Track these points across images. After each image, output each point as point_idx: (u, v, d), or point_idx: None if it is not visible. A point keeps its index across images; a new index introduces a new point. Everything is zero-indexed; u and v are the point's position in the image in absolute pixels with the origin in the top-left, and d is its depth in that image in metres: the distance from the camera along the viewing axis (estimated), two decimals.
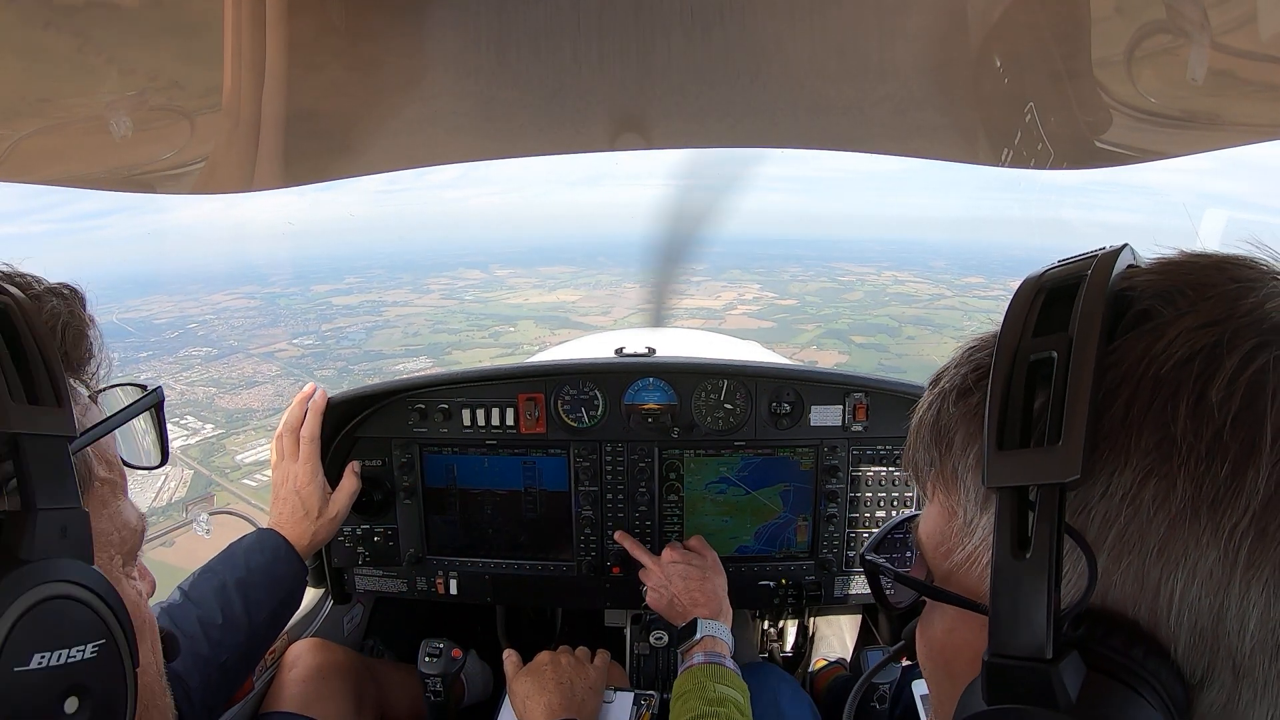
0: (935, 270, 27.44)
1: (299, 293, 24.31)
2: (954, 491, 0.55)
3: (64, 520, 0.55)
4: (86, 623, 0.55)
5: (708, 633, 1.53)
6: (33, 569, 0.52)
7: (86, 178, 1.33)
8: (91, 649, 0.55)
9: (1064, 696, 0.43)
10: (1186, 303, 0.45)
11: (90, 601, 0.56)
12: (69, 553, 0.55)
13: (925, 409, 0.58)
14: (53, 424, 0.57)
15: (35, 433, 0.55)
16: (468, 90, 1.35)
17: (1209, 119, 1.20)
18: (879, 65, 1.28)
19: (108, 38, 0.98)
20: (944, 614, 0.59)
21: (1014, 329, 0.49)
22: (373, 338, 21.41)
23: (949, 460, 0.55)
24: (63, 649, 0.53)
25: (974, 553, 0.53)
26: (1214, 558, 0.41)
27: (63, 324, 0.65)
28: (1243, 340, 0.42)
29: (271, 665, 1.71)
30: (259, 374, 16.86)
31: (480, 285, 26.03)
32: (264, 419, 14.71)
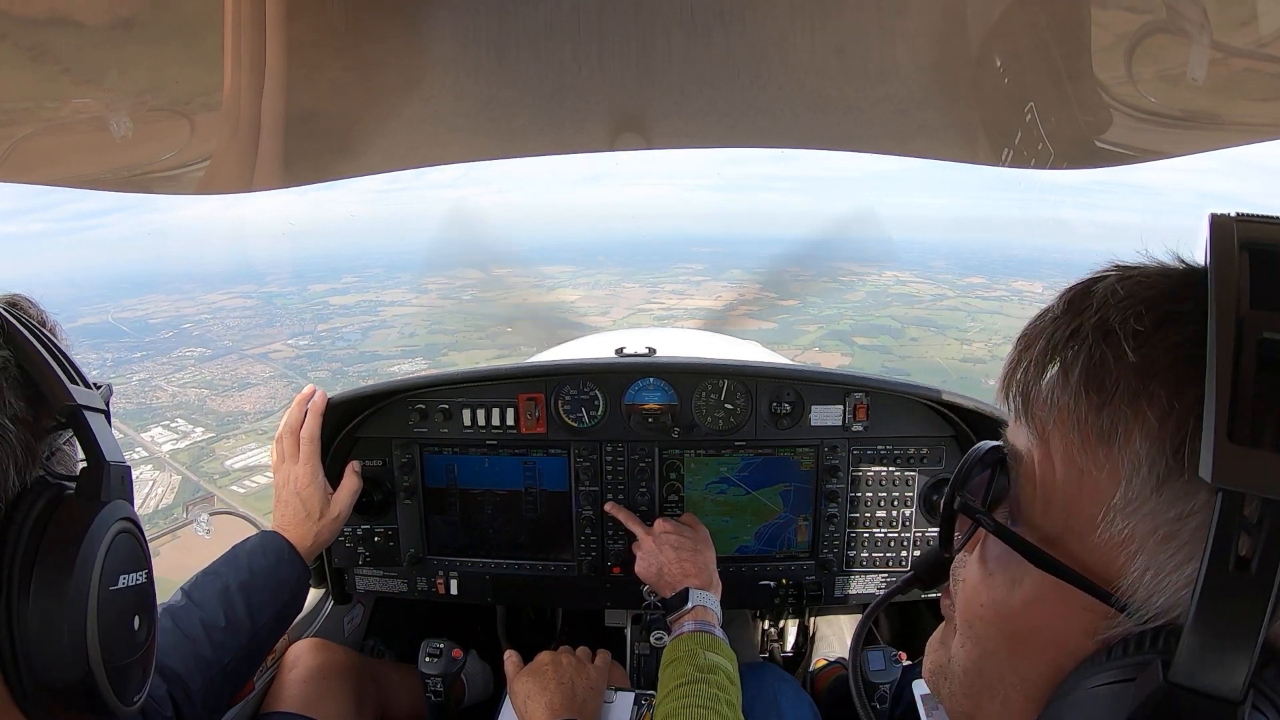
0: (936, 270, 27.42)
1: (296, 292, 24.24)
2: (1104, 451, 0.46)
3: (120, 471, 0.68)
4: (142, 552, 0.69)
5: (699, 602, 1.52)
6: (112, 507, 0.65)
7: (87, 178, 1.33)
8: (143, 575, 0.69)
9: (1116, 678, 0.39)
10: None
11: (140, 536, 0.69)
12: (126, 496, 0.68)
13: (1077, 343, 0.48)
14: (93, 398, 0.68)
15: (91, 405, 0.67)
16: (468, 90, 1.35)
17: (1209, 119, 1.20)
18: (879, 65, 1.28)
19: (109, 39, 0.98)
20: (1027, 578, 0.51)
21: (1228, 292, 0.40)
22: (369, 338, 21.34)
23: (1109, 414, 0.46)
24: (132, 572, 0.67)
25: (1125, 536, 0.45)
26: None
27: (48, 326, 0.76)
28: None
29: (272, 666, 1.71)
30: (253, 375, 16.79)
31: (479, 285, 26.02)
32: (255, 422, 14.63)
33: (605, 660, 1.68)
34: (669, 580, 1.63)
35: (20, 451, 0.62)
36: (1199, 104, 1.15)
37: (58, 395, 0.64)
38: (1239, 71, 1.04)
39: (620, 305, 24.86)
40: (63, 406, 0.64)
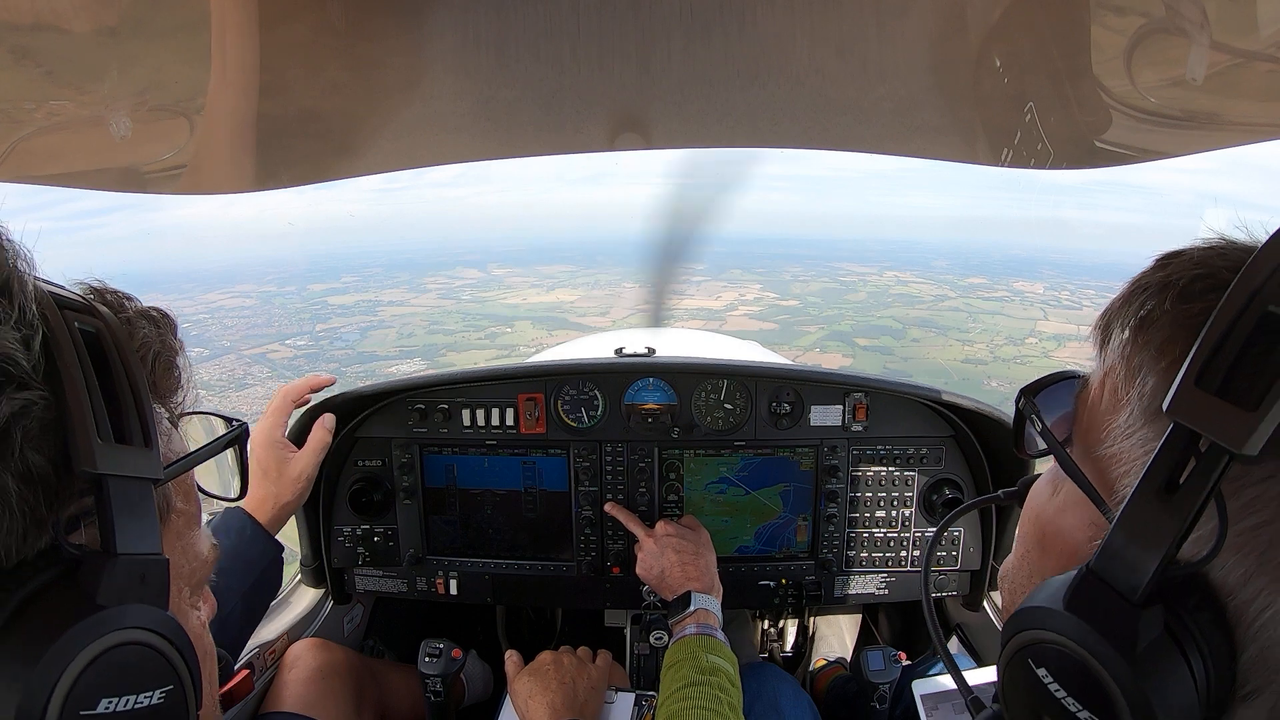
0: (937, 270, 27.40)
1: (295, 292, 24.19)
2: (1131, 386, 0.53)
3: (144, 567, 0.54)
4: (157, 669, 0.55)
5: (701, 605, 1.53)
6: (108, 614, 0.51)
7: (86, 178, 1.32)
8: (159, 695, 0.55)
9: (1131, 642, 0.44)
10: None
11: (163, 649, 0.55)
12: (145, 598, 0.54)
13: (1143, 287, 0.54)
14: (140, 465, 0.55)
15: (122, 474, 0.54)
16: (467, 90, 1.34)
17: (1209, 119, 1.20)
18: (879, 65, 1.27)
19: (108, 37, 0.98)
20: (1064, 488, 0.60)
21: (1264, 268, 0.44)
22: (367, 338, 21.28)
23: (1141, 352, 0.53)
24: (130, 695, 0.53)
25: (1121, 455, 0.53)
26: None
27: (154, 354, 0.64)
28: None
29: (271, 665, 1.71)
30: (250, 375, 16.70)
31: (478, 285, 25.92)
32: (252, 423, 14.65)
33: (606, 660, 1.69)
34: (670, 584, 1.64)
35: (22, 517, 0.50)
36: (1199, 104, 1.15)
37: (78, 456, 0.51)
38: (1239, 71, 1.04)
39: (620, 305, 24.83)
40: (80, 471, 0.51)
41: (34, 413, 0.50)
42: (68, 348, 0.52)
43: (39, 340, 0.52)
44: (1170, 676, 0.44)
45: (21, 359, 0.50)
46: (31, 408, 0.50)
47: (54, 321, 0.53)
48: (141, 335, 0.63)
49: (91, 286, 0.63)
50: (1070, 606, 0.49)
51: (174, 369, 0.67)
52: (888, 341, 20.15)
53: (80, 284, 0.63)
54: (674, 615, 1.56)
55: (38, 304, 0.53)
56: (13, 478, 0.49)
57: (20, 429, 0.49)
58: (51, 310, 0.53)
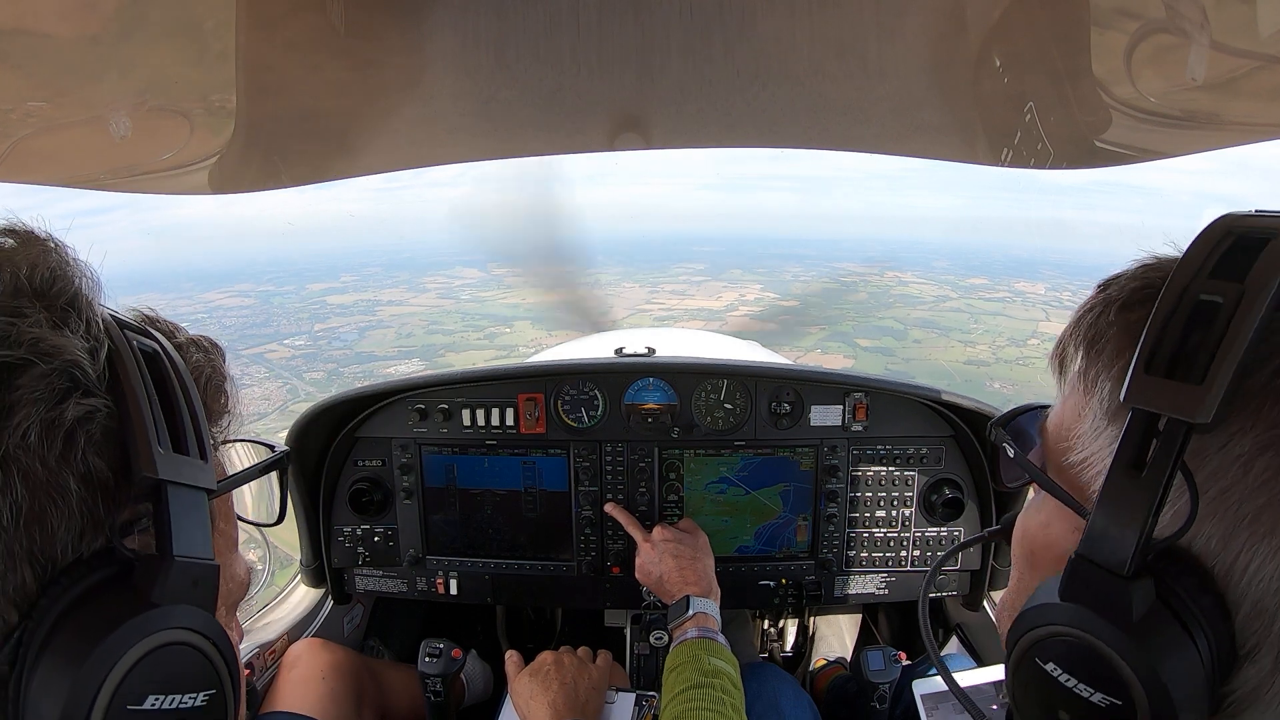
0: (938, 271, 27.32)
1: (293, 291, 24.06)
2: (1090, 396, 0.57)
3: (197, 571, 0.56)
4: (202, 672, 0.56)
5: (700, 609, 1.54)
6: (160, 613, 0.53)
7: (86, 178, 1.32)
8: (203, 698, 0.56)
9: (1127, 615, 0.48)
10: None
11: (209, 652, 0.57)
12: (196, 602, 0.56)
13: (1089, 309, 0.59)
14: (196, 475, 0.58)
15: (180, 481, 0.56)
16: (467, 90, 1.34)
17: (1209, 119, 1.20)
18: (879, 65, 1.27)
19: (108, 37, 0.98)
20: (1045, 506, 0.63)
21: (1192, 263, 0.50)
22: (365, 338, 21.16)
23: (1094, 365, 0.57)
24: (176, 694, 0.54)
25: (1091, 458, 0.57)
26: None
27: (205, 377, 0.67)
28: None
29: (271, 665, 1.71)
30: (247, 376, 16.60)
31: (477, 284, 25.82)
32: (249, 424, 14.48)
33: (607, 660, 1.69)
34: (669, 588, 1.65)
35: (80, 517, 0.52)
36: (1199, 104, 1.15)
37: (139, 462, 0.54)
38: (1239, 71, 1.04)
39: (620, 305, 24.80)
40: (140, 478, 0.54)
41: (98, 419, 0.53)
42: (130, 361, 0.55)
43: (104, 353, 0.55)
44: (1171, 644, 0.47)
45: (88, 368, 0.53)
46: (96, 414, 0.53)
47: (116, 337, 0.56)
48: (194, 359, 0.66)
49: (144, 314, 0.66)
50: (1065, 595, 0.52)
51: (222, 394, 0.69)
52: (889, 343, 20.09)
53: (133, 310, 0.66)
54: (673, 619, 1.56)
55: (102, 320, 0.56)
56: (74, 478, 0.51)
57: (84, 433, 0.52)
58: (113, 327, 0.57)
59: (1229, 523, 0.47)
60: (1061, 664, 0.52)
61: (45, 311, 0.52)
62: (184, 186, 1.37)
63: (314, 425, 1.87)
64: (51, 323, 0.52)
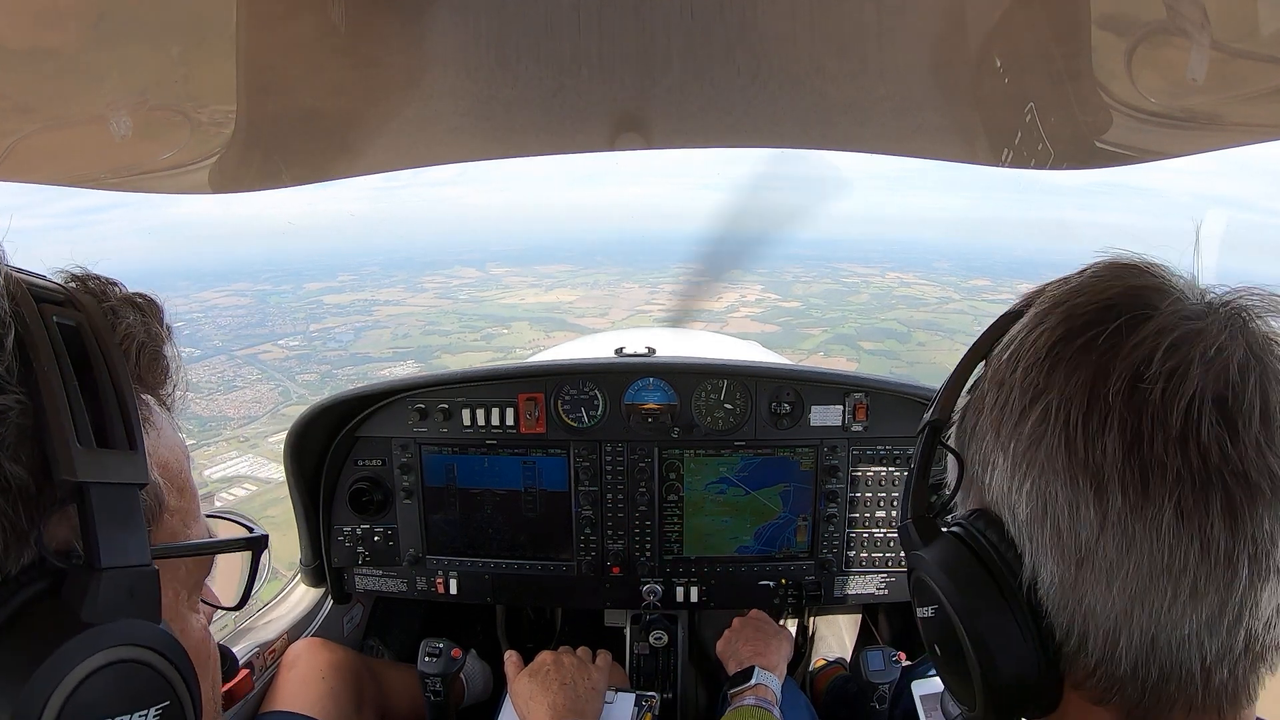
0: (940, 272, 27.22)
1: (291, 291, 23.86)
2: None
3: (131, 580, 0.51)
4: (151, 686, 0.52)
5: (762, 681, 1.61)
6: (96, 633, 0.48)
7: (86, 177, 1.32)
8: (155, 712, 0.52)
9: (923, 543, 0.68)
10: (1030, 299, 0.66)
11: (155, 664, 0.52)
12: (135, 612, 0.51)
13: None
14: (123, 470, 0.51)
15: (105, 480, 0.50)
16: (467, 90, 1.34)
17: (1209, 119, 1.20)
18: (879, 65, 1.27)
19: (108, 38, 0.98)
20: None
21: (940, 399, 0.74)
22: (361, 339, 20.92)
23: None
24: (124, 714, 0.50)
25: None
26: (1002, 461, 0.60)
27: (138, 345, 0.59)
28: (1030, 323, 0.62)
29: (271, 665, 1.71)
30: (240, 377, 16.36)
31: (476, 284, 25.68)
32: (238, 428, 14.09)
33: (606, 661, 1.69)
34: (739, 658, 1.73)
35: (2, 532, 0.47)
36: (1199, 104, 1.15)
37: (57, 463, 0.48)
38: (1239, 72, 1.04)
39: (620, 306, 24.70)
40: (59, 480, 0.48)
41: (10, 419, 0.47)
42: (44, 346, 0.49)
43: (12, 339, 0.48)
44: (954, 551, 0.63)
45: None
46: (7, 414, 0.47)
47: (30, 317, 0.50)
48: (125, 325, 0.59)
49: (73, 275, 0.60)
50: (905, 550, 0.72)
51: (160, 358, 0.63)
52: (893, 345, 19.97)
53: (62, 272, 0.59)
54: (735, 685, 1.63)
55: (12, 299, 0.50)
56: None
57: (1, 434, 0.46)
58: (27, 305, 0.50)
59: (980, 471, 0.64)
60: (916, 600, 0.69)
61: None
62: (184, 186, 1.37)
63: (314, 425, 1.86)
64: None
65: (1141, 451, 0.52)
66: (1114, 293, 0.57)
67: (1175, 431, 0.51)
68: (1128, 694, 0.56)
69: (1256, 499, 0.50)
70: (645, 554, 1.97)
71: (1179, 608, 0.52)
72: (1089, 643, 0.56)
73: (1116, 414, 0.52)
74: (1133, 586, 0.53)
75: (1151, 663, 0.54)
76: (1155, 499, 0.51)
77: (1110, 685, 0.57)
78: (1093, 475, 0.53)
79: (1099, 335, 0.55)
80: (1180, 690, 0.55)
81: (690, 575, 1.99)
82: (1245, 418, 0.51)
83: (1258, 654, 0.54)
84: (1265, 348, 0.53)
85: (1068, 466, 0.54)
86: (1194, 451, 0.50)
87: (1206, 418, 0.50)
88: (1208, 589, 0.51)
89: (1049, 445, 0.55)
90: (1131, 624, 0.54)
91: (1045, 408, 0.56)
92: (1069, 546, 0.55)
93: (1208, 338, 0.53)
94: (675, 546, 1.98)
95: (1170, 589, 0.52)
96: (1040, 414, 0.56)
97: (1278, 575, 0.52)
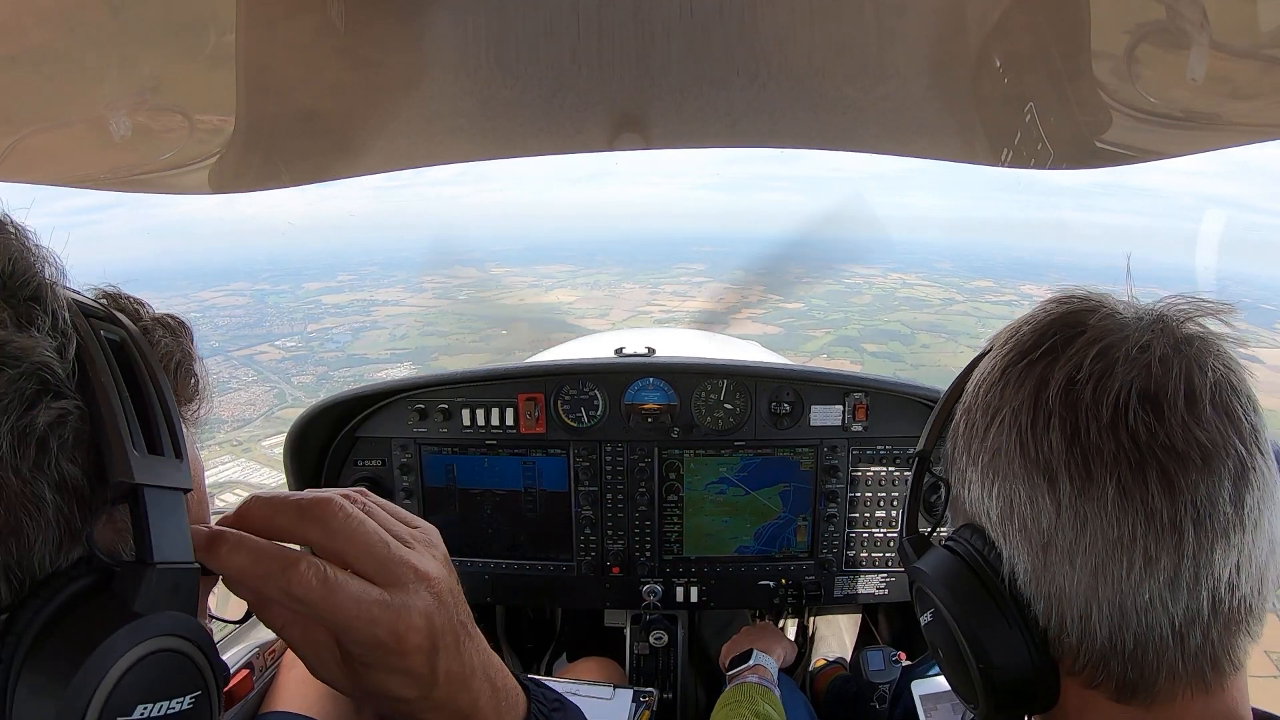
0: (942, 272, 27.11)
1: (289, 290, 23.70)
2: None
3: (177, 576, 0.54)
4: (188, 676, 0.55)
5: (760, 661, 1.68)
6: (145, 622, 0.51)
7: (86, 177, 1.32)
8: (189, 700, 0.55)
9: (914, 555, 0.76)
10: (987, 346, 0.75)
11: (193, 655, 0.55)
12: (178, 606, 0.54)
13: None
14: (172, 475, 0.55)
15: (157, 484, 0.53)
16: (467, 90, 1.34)
17: (1209, 119, 1.20)
18: (879, 65, 1.27)
19: (108, 37, 0.98)
20: None
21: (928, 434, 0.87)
22: (359, 340, 20.77)
23: None
24: (164, 700, 0.53)
25: None
26: (974, 475, 0.69)
27: (175, 362, 0.63)
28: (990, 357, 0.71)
29: (271, 665, 1.71)
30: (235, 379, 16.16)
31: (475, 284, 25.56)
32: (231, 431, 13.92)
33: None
34: (739, 648, 1.81)
35: (57, 527, 0.50)
36: (1199, 104, 1.15)
37: (114, 466, 0.51)
38: (1239, 72, 1.04)
39: (620, 307, 24.63)
40: (116, 483, 0.51)
41: (69, 422, 0.50)
42: (99, 356, 0.52)
43: (73, 349, 0.51)
44: (943, 559, 0.70)
45: (57, 368, 0.50)
46: (68, 417, 0.50)
47: (83, 329, 0.53)
48: (161, 343, 0.62)
49: (105, 292, 0.62)
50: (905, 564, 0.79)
51: (192, 376, 0.66)
52: (896, 347, 19.85)
53: (95, 289, 0.62)
54: (735, 665, 1.70)
55: (70, 311, 0.52)
56: (49, 488, 0.49)
57: (57, 439, 0.49)
58: (79, 318, 0.53)
59: (960, 486, 0.72)
60: (918, 609, 0.75)
61: (9, 309, 0.49)
62: (184, 186, 1.37)
63: (314, 425, 1.87)
64: (17, 321, 0.49)
65: (1080, 442, 0.59)
66: (1051, 319, 0.66)
67: (1106, 420, 0.58)
68: (1113, 669, 0.61)
69: (1189, 468, 0.57)
70: (645, 554, 1.97)
71: (1136, 575, 0.58)
72: (1067, 621, 0.62)
73: (1056, 414, 0.61)
74: (1092, 562, 0.59)
75: (1125, 630, 0.59)
76: (1098, 480, 0.58)
77: (1096, 663, 0.61)
78: (1044, 469, 0.61)
79: (1038, 352, 0.64)
80: (1159, 657, 0.59)
81: (690, 575, 1.99)
82: (1170, 402, 0.58)
83: (1229, 617, 0.59)
84: (1188, 343, 0.61)
85: (1023, 465, 0.62)
86: (1124, 435, 0.58)
87: (1132, 405, 0.58)
88: (1159, 554, 0.57)
89: (1006, 450, 0.64)
90: (1099, 597, 0.59)
91: (1000, 420, 0.65)
92: (1034, 535, 0.62)
93: (1131, 341, 0.61)
94: (675, 546, 1.98)
95: (1124, 559, 0.58)
96: (998, 426, 0.65)
97: (1223, 536, 0.57)
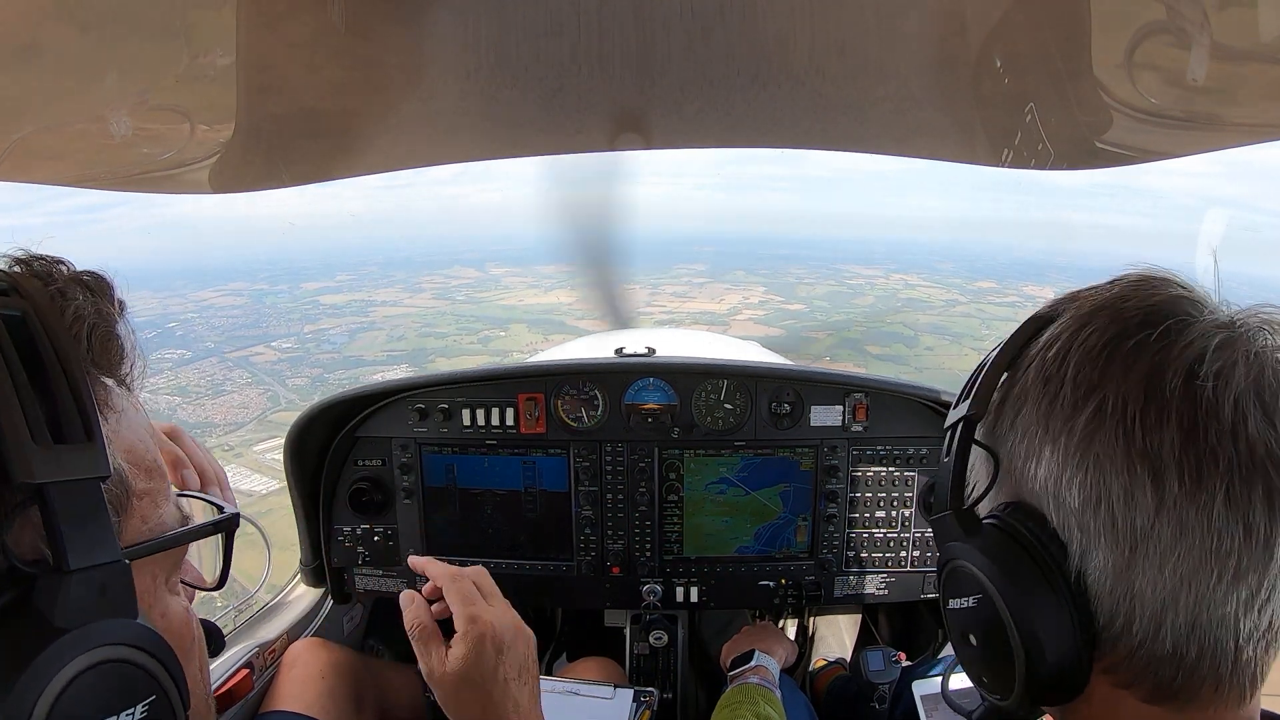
0: (944, 273, 26.98)
1: (287, 291, 23.53)
2: None
3: (102, 578, 0.49)
4: (135, 684, 0.51)
5: (761, 662, 1.67)
6: (71, 638, 0.46)
7: (87, 177, 1.33)
8: (142, 709, 0.50)
9: (967, 534, 0.67)
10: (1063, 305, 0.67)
11: (136, 660, 0.51)
12: (110, 611, 0.49)
13: None
14: (82, 465, 0.49)
15: (65, 479, 0.47)
16: (468, 90, 1.34)
17: (1209, 119, 1.20)
18: (879, 65, 1.28)
19: (109, 38, 0.98)
20: None
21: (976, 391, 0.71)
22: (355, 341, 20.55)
23: None
24: (111, 715, 0.49)
25: None
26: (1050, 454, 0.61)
27: (89, 327, 0.56)
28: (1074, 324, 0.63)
29: (271, 665, 1.71)
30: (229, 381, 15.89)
31: (474, 284, 25.43)
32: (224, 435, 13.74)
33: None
34: (740, 649, 1.81)
35: None
36: (1199, 104, 1.15)
37: (14, 467, 0.45)
38: (1239, 72, 1.04)
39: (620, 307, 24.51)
40: (19, 484, 0.45)
41: None
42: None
43: None
44: (993, 539, 0.64)
45: None
46: None
47: None
48: (74, 308, 0.55)
49: (16, 257, 0.57)
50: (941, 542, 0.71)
51: (114, 338, 0.59)
52: (900, 350, 19.70)
53: (5, 256, 0.56)
54: (737, 665, 1.70)
55: None
56: None
57: None
58: None
59: (1020, 462, 0.64)
60: (949, 590, 0.69)
61: None
62: (185, 186, 1.37)
63: (314, 425, 1.87)
64: None
65: (1197, 442, 0.55)
66: (1159, 299, 0.61)
67: (1227, 424, 0.55)
68: (1161, 674, 0.59)
69: None
70: (645, 554, 1.97)
71: (1223, 588, 0.56)
72: (1134, 625, 0.59)
73: (1174, 407, 0.56)
74: (1183, 569, 0.56)
75: (1192, 641, 0.57)
76: (1208, 486, 0.55)
77: (1147, 666, 0.59)
78: (1151, 464, 0.56)
79: (1150, 336, 0.58)
80: (1211, 668, 0.58)
81: (690, 575, 1.99)
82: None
83: (1278, 632, 0.58)
84: None
85: (1125, 456, 0.57)
86: (1243, 443, 0.55)
87: (1253, 412, 0.55)
88: (1248, 571, 0.55)
89: (1105, 437, 0.58)
90: (1178, 605, 0.57)
91: (1100, 402, 0.58)
92: (1123, 532, 0.58)
93: (1244, 343, 0.57)
94: (675, 546, 1.98)
95: (1216, 571, 0.55)
96: (1095, 408, 0.59)
97: None
